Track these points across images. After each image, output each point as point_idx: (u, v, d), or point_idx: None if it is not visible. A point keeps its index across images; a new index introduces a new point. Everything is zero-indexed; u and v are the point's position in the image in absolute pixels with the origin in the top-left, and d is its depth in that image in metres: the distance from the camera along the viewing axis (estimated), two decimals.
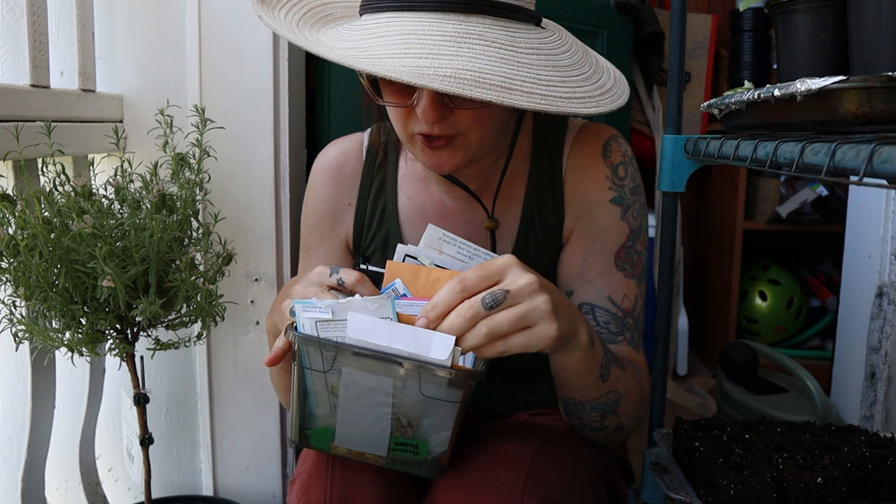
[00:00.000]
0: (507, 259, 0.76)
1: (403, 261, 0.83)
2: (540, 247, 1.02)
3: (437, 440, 0.77)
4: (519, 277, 0.74)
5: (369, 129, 1.11)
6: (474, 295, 0.73)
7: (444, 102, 0.84)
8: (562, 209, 1.02)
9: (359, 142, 1.11)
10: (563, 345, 0.79)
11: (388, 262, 0.82)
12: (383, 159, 1.08)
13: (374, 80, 0.88)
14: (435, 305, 0.74)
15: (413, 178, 1.07)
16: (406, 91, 0.85)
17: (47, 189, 1.00)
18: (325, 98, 1.59)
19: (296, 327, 0.76)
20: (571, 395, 0.89)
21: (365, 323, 0.73)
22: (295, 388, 0.78)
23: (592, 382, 0.86)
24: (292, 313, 0.77)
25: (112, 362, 1.24)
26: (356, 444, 0.79)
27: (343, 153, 1.10)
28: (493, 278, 0.75)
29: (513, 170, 1.03)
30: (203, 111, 1.11)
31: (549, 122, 1.06)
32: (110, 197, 1.04)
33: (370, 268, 0.85)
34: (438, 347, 0.72)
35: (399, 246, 0.85)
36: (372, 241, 1.07)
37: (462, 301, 0.73)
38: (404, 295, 0.80)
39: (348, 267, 1.07)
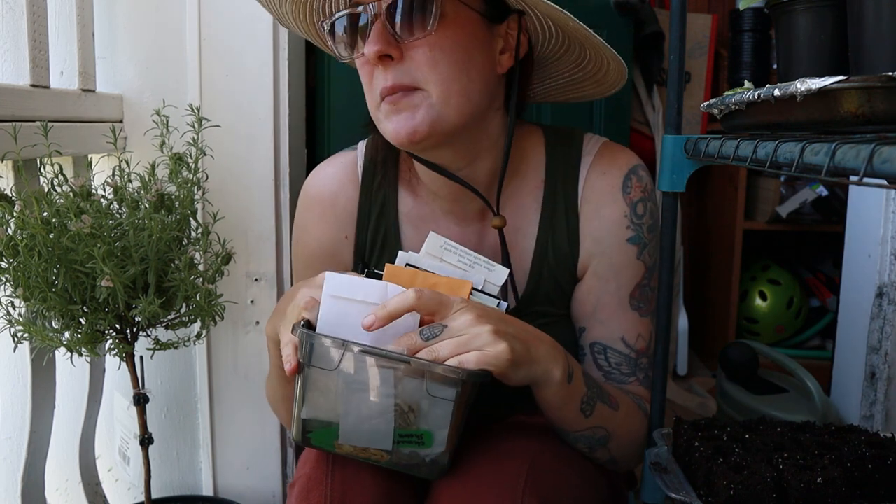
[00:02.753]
0: (463, 301, 0.78)
1: (405, 267, 0.84)
2: (553, 277, 0.98)
3: (441, 428, 0.77)
4: (461, 316, 0.76)
5: (363, 145, 1.05)
6: (420, 312, 0.77)
7: (393, 35, 0.83)
8: (576, 241, 0.98)
9: (352, 163, 1.03)
10: (528, 374, 0.80)
11: (387, 265, 0.83)
12: (381, 181, 1.01)
13: (334, 35, 0.89)
14: (385, 307, 0.76)
15: (414, 196, 1.01)
16: (361, 40, 0.86)
17: (46, 189, 1.00)
18: (325, 97, 1.59)
19: (304, 325, 0.76)
20: (553, 423, 0.90)
21: (342, 281, 0.77)
22: (298, 387, 0.78)
23: (571, 416, 0.87)
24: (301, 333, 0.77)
25: (112, 362, 1.24)
26: (361, 440, 0.79)
27: (336, 181, 1.02)
28: (444, 308, 0.77)
29: (526, 191, 0.98)
30: (199, 110, 1.11)
31: (562, 138, 1.00)
32: (109, 197, 1.04)
33: (375, 270, 0.85)
34: None
35: (400, 253, 0.85)
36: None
37: (409, 311, 0.76)
38: None
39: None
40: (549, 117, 1.75)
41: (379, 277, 0.83)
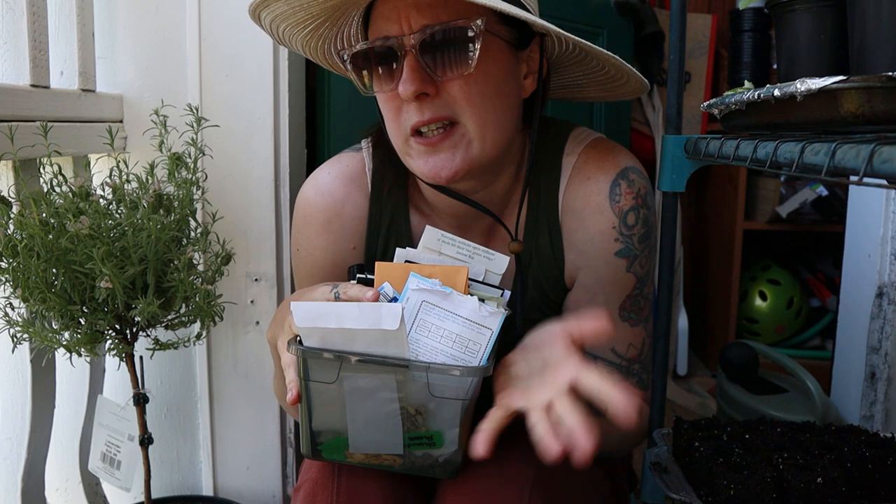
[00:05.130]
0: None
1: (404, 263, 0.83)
2: (539, 285, 0.94)
3: (450, 427, 0.77)
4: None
5: (368, 148, 0.99)
6: None
7: (427, 72, 0.79)
8: (560, 251, 0.93)
9: (360, 167, 0.98)
10: None
11: (378, 263, 0.82)
12: (390, 189, 0.96)
13: (358, 67, 0.84)
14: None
15: (420, 214, 0.97)
16: (390, 75, 0.81)
17: (45, 190, 1.00)
18: (325, 97, 1.59)
19: (299, 341, 0.76)
20: None
21: (310, 309, 0.72)
22: (303, 402, 0.77)
23: None
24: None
25: (112, 362, 1.24)
26: (371, 447, 0.78)
27: (342, 188, 0.96)
28: None
29: (512, 191, 0.94)
30: (197, 110, 1.11)
31: (548, 134, 0.96)
32: (108, 197, 1.04)
33: (368, 276, 0.85)
34: (388, 318, 0.71)
35: (398, 250, 0.85)
36: None
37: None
38: (395, 298, 0.80)
39: None
40: (548, 115, 1.75)
41: (369, 283, 0.82)
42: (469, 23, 0.79)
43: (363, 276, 0.85)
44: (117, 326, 1.06)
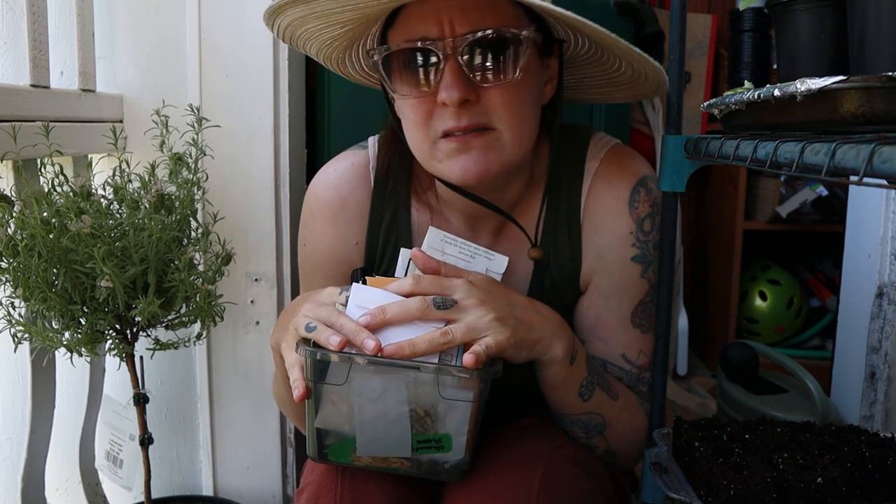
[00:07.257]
0: (461, 280, 0.79)
1: (409, 263, 0.84)
2: (555, 289, 0.95)
3: (459, 430, 0.77)
4: (467, 296, 0.77)
5: (374, 145, 0.99)
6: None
7: (470, 79, 0.78)
8: (579, 254, 0.94)
9: (364, 164, 0.98)
10: (531, 353, 0.81)
11: (368, 279, 0.83)
12: (393, 187, 0.96)
13: (389, 69, 0.82)
14: (383, 311, 0.76)
15: (429, 209, 0.97)
16: (427, 78, 0.80)
17: (46, 189, 1.00)
18: (325, 97, 1.59)
19: (307, 342, 0.76)
20: (551, 404, 0.90)
21: (367, 294, 0.78)
22: (310, 404, 0.77)
23: (570, 399, 0.87)
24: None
25: (112, 362, 1.24)
26: (379, 450, 0.78)
27: (346, 183, 0.97)
28: (445, 290, 0.78)
29: (530, 194, 0.94)
30: (198, 110, 1.11)
31: (568, 139, 0.95)
32: (109, 197, 1.04)
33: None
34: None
35: (403, 250, 0.85)
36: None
37: (412, 312, 0.76)
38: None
39: None
40: None
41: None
42: (520, 32, 0.78)
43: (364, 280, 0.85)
44: (118, 326, 1.06)
